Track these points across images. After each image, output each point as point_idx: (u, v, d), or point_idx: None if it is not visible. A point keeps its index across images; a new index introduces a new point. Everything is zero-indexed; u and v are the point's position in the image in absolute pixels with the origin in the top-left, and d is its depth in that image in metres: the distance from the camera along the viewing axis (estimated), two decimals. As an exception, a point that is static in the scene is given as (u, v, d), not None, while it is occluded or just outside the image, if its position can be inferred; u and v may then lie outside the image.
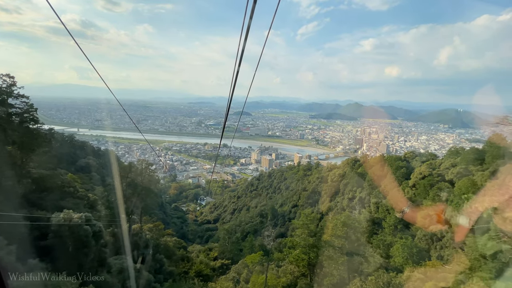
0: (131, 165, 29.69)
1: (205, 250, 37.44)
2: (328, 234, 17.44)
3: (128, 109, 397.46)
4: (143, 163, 29.66)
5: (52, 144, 47.43)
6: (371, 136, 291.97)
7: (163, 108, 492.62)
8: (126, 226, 19.98)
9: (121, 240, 15.20)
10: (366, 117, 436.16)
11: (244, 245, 37.11)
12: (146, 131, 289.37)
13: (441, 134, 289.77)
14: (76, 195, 18.27)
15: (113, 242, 15.36)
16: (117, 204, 19.09)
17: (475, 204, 2.90)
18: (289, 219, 49.64)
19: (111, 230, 16.81)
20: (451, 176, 29.59)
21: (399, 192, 6.10)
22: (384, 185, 37.23)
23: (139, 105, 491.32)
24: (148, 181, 29.85)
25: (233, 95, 3.87)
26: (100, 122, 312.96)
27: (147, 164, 30.85)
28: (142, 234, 21.42)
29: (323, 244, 17.13)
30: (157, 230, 27.38)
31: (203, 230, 70.64)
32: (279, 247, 29.54)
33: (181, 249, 31.83)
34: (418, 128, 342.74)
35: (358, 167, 46.60)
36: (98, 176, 46.92)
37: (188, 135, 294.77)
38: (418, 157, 39.84)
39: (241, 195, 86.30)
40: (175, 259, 26.08)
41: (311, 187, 50.68)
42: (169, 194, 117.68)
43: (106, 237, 13.81)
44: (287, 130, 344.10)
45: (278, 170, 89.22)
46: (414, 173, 33.50)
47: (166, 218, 66.43)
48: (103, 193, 23.76)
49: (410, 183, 32.89)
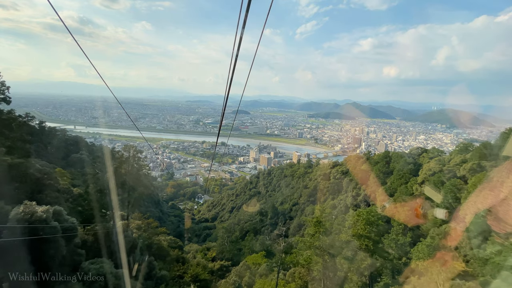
0: (115, 152, 26.42)
1: (203, 250, 35.48)
2: (348, 233, 15.51)
3: (126, 107, 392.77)
4: (131, 149, 25.45)
5: (42, 138, 45.32)
6: (369, 136, 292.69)
7: (161, 106, 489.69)
8: (111, 224, 17.73)
9: (104, 240, 13.24)
10: (364, 117, 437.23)
11: (243, 245, 35.22)
12: (144, 129, 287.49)
13: (439, 134, 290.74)
14: (56, 189, 16.30)
15: (93, 242, 13.40)
16: (103, 198, 16.96)
17: (469, 205, 2.85)
18: (290, 217, 48.00)
19: (90, 228, 14.66)
20: (463, 172, 28.02)
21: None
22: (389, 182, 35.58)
23: (136, 103, 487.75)
24: (137, 170, 26.55)
25: (232, 94, 3.99)
26: (97, 119, 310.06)
27: (136, 151, 26.74)
28: (128, 233, 19.03)
29: (342, 244, 15.23)
30: (149, 228, 24.48)
31: (200, 228, 68.89)
32: (286, 247, 27.44)
33: (177, 249, 29.45)
34: (416, 127, 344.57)
35: (362, 164, 44.98)
36: (92, 171, 44.91)
37: (186, 133, 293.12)
38: (425, 153, 38.26)
39: (240, 193, 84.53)
40: (169, 261, 23.48)
41: (312, 185, 49.00)
42: (166, 192, 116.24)
43: (83, 236, 11.91)
44: (286, 129, 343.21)
45: (278, 167, 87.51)
46: (423, 170, 31.92)
47: (163, 216, 64.55)
48: (93, 188, 21.57)
49: (418, 180, 31.30)
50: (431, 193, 29.38)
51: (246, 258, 25.13)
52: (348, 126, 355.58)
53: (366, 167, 42.59)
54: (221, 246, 34.70)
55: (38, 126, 49.62)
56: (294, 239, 20.19)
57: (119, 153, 25.05)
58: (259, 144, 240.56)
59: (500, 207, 2.57)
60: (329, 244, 14.97)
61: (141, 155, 27.82)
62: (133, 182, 22.90)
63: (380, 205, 29.75)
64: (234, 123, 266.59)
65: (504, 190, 2.49)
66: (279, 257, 21.53)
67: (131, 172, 23.28)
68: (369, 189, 37.58)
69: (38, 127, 49.03)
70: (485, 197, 2.66)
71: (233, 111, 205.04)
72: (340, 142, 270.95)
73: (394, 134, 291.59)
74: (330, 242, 15.10)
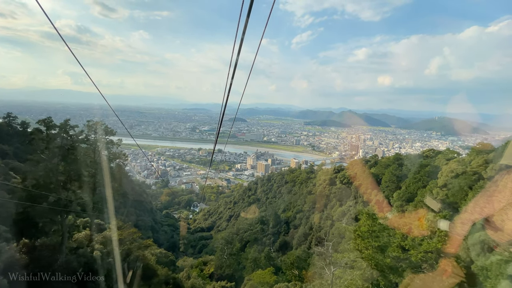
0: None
1: (199, 265, 30.95)
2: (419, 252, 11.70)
3: (122, 114, 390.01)
4: (98, 127, 19.39)
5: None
6: (366, 143, 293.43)
7: (157, 114, 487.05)
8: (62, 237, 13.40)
9: (54, 258, 9.68)
10: (360, 124, 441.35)
11: (245, 257, 30.98)
12: (139, 136, 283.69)
13: (434, 141, 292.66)
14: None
15: (38, 259, 9.80)
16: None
17: (467, 214, 2.76)
18: (294, 226, 44.24)
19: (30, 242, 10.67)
20: (491, 173, 25.17)
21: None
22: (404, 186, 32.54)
23: (133, 110, 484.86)
24: (109, 159, 19.93)
25: (229, 102, 4.02)
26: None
27: (107, 129, 20.52)
28: (88, 248, 14.00)
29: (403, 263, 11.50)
30: (129, 240, 17.78)
31: (196, 239, 64.43)
32: (295, 261, 23.01)
33: (167, 267, 24.26)
34: (412, 135, 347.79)
35: (370, 167, 42.01)
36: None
37: (182, 141, 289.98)
38: (441, 154, 35.50)
39: (238, 200, 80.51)
40: (155, 284, 17.91)
41: (317, 190, 45.62)
42: (161, 200, 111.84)
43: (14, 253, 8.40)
44: (283, 136, 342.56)
45: (278, 173, 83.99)
46: (443, 172, 28.98)
47: (156, 225, 60.17)
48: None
49: (439, 183, 28.30)
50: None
51: (252, 276, 21.12)
52: (345, 134, 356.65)
53: (375, 170, 39.61)
54: (220, 259, 30.27)
55: (20, 127, 46.67)
56: (339, 255, 14.88)
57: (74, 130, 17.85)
58: (256, 151, 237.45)
59: (498, 216, 2.56)
60: (390, 265, 11.24)
61: (113, 138, 20.89)
62: (97, 170, 17.21)
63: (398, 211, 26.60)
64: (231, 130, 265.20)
65: (502, 199, 2.41)
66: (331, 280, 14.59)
67: (97, 161, 17.87)
68: (380, 195, 34.46)
69: (21, 129, 46.05)
70: (483, 206, 2.60)
71: (230, 119, 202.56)
72: (337, 149, 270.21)
73: (390, 141, 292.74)
74: (390, 262, 11.34)
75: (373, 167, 41.24)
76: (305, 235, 40.30)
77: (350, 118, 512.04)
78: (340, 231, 24.36)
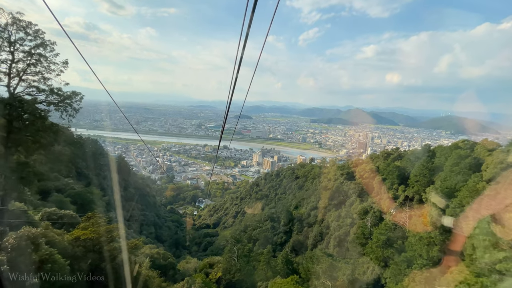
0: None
1: (204, 267, 27.44)
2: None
3: (129, 111, 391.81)
4: None
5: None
6: (374, 141, 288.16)
7: (164, 111, 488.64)
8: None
9: None
10: (367, 123, 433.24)
11: (255, 259, 27.04)
12: (145, 132, 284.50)
13: (444, 140, 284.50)
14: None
15: None
16: None
17: (472, 211, 3.62)
18: (308, 224, 40.52)
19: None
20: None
21: None
22: (439, 180, 28.46)
23: (139, 107, 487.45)
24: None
25: (234, 99, 4.08)
26: (99, 122, 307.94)
27: None
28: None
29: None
30: (103, 240, 12.10)
31: (201, 235, 61.48)
32: (327, 270, 19.13)
33: (165, 269, 20.93)
34: (420, 134, 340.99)
35: (394, 160, 37.95)
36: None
37: (187, 137, 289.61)
38: (479, 145, 31.23)
39: (245, 196, 77.23)
40: None
41: (334, 185, 41.72)
42: (165, 195, 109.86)
43: None
44: (289, 134, 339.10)
45: (288, 168, 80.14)
46: (489, 164, 24.87)
47: (159, 221, 57.41)
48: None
49: (485, 176, 24.18)
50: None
51: (271, 285, 17.27)
52: (352, 132, 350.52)
53: (401, 164, 35.55)
54: (228, 262, 26.06)
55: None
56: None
57: None
58: (262, 148, 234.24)
59: (504, 213, 2.99)
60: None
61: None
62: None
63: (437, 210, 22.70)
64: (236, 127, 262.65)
65: (509, 196, 3.19)
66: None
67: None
68: (411, 189, 30.48)
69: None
70: (489, 203, 3.33)
71: (235, 116, 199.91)
72: (344, 147, 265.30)
73: (399, 140, 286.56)
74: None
75: (396, 161, 37.24)
76: (321, 234, 36.55)
77: (357, 116, 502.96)
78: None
